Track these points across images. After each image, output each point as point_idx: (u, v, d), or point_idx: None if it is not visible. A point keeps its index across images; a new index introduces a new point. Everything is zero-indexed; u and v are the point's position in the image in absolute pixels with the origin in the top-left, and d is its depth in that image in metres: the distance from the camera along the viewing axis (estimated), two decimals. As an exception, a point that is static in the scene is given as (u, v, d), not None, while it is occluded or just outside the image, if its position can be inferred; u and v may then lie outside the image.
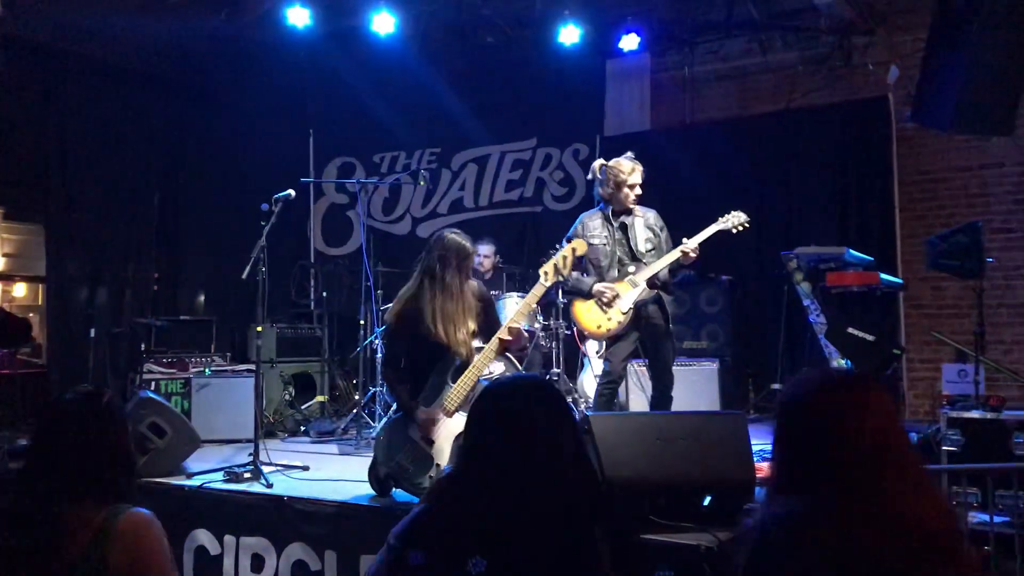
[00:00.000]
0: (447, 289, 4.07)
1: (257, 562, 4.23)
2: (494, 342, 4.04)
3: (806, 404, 1.85)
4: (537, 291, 4.26)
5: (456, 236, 4.21)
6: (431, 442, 3.90)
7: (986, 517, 4.81)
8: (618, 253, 5.09)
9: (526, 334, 5.34)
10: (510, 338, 4.05)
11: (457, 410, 3.95)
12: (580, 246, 4.41)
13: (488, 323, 4.23)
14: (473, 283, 4.26)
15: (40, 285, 9.33)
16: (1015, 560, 4.35)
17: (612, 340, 5.12)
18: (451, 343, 4.03)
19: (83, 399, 2.48)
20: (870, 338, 4.19)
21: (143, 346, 6.97)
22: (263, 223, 5.16)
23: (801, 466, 1.81)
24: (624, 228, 5.13)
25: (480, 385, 3.98)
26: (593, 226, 5.14)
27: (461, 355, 4.05)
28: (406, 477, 3.92)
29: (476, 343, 4.18)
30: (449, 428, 3.91)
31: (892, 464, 1.75)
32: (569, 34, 7.95)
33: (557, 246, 4.47)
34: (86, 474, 2.33)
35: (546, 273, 4.26)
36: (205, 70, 9.01)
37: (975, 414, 5.73)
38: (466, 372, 4.01)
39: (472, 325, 4.13)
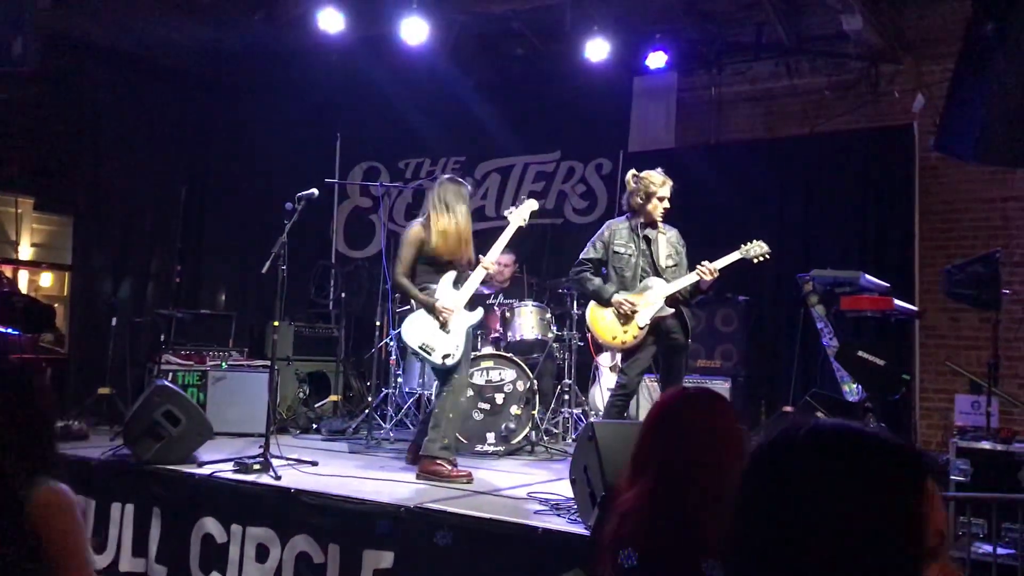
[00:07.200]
0: (444, 215, 5.14)
1: (262, 552, 4.29)
2: (479, 269, 5.18)
3: (664, 411, 2.30)
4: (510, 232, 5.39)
5: (450, 180, 5.30)
6: (448, 330, 5.02)
7: (990, 548, 4.80)
8: (641, 264, 5.14)
9: (502, 267, 7.17)
10: (489, 270, 5.22)
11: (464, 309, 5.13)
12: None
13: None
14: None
15: (66, 274, 9.48)
16: (1017, 592, 4.34)
17: (629, 353, 5.16)
18: (452, 257, 5.14)
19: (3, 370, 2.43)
20: (880, 362, 4.20)
21: (163, 337, 7.06)
22: (286, 221, 5.24)
23: (654, 454, 2.20)
24: (648, 241, 5.18)
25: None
26: (620, 234, 5.20)
27: (458, 266, 5.18)
28: (430, 353, 5.00)
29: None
30: (459, 320, 5.07)
31: (726, 458, 2.10)
32: (597, 49, 7.94)
33: (521, 199, 5.65)
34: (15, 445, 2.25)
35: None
36: (237, 70, 9.12)
37: (985, 445, 5.70)
38: (467, 282, 5.15)
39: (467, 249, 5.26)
